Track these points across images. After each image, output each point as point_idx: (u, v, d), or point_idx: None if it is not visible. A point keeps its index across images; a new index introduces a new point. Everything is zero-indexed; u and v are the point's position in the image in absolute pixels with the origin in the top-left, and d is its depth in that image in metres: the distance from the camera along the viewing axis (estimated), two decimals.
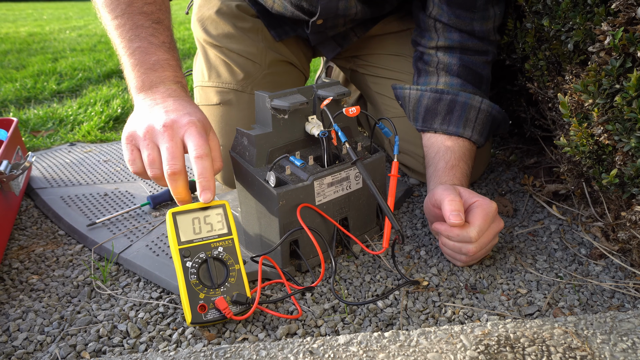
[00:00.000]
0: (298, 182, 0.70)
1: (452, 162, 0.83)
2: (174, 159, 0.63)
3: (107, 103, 1.80)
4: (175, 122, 0.64)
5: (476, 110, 0.86)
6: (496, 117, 0.89)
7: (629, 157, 0.64)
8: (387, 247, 0.72)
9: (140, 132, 0.65)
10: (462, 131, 0.86)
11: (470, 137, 0.86)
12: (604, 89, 0.63)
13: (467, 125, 0.86)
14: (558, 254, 0.80)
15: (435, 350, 0.51)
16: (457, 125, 0.86)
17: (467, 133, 0.86)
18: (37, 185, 1.09)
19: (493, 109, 0.88)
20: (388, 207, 0.67)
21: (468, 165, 0.85)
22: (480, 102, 0.87)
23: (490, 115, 0.88)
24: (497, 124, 0.91)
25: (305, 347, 0.53)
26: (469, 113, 0.86)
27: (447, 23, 0.87)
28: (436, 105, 0.87)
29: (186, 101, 0.70)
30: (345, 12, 0.92)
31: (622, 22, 0.60)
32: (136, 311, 0.69)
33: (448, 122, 0.86)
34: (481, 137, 0.87)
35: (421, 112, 0.89)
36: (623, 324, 0.54)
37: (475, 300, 0.69)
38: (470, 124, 0.86)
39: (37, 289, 0.75)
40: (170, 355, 0.53)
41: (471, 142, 0.87)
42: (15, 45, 3.39)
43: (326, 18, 0.92)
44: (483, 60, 0.90)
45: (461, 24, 0.86)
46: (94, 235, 0.88)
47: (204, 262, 0.65)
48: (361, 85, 1.14)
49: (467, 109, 0.86)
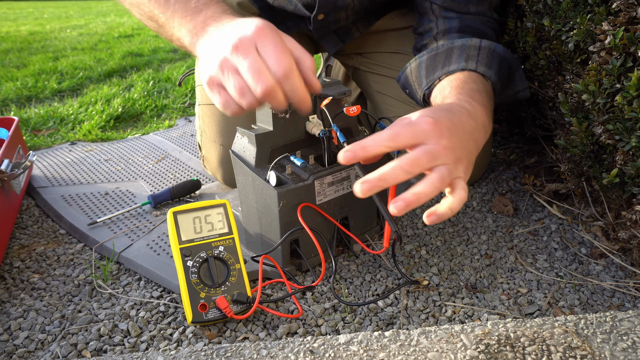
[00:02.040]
0: (299, 181, 0.71)
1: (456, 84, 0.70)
2: (259, 74, 0.55)
3: (108, 102, 1.80)
4: (242, 39, 0.56)
5: (476, 47, 0.77)
6: (502, 55, 0.78)
7: (629, 157, 0.64)
8: (387, 247, 0.72)
9: (214, 71, 0.58)
10: (465, 64, 0.75)
11: (475, 69, 0.74)
12: (604, 89, 0.63)
13: (470, 60, 0.75)
14: (558, 254, 0.80)
15: (435, 349, 0.51)
16: (457, 62, 0.76)
17: (470, 65, 0.74)
18: (38, 184, 1.09)
19: (497, 47, 0.77)
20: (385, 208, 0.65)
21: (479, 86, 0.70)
22: (479, 41, 0.77)
23: (494, 52, 0.77)
24: (507, 65, 0.79)
25: (305, 347, 0.53)
26: (469, 51, 0.77)
27: (442, 5, 0.85)
28: (434, 59, 0.79)
29: (240, 18, 0.62)
30: (343, 3, 0.91)
31: (622, 21, 0.60)
32: (137, 310, 0.69)
33: (449, 64, 0.76)
34: (489, 69, 0.75)
35: (423, 74, 0.80)
36: (623, 323, 0.54)
37: (476, 299, 0.69)
38: (473, 58, 0.75)
39: (38, 287, 0.75)
40: (171, 354, 0.53)
41: (478, 73, 0.74)
42: (16, 44, 3.39)
43: (326, 12, 0.92)
44: (484, 20, 0.84)
45: (456, 6, 0.84)
46: (95, 234, 0.88)
47: (205, 262, 0.65)
48: (362, 83, 1.14)
49: (465, 48, 0.77)
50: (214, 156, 1.01)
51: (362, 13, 1.00)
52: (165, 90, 2.03)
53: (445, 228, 0.88)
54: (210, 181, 1.10)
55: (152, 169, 1.18)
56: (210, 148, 1.02)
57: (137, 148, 1.33)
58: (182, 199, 1.01)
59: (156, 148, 1.33)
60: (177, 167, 1.19)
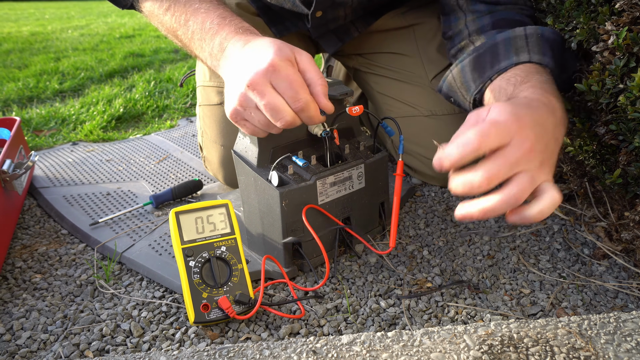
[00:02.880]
0: (301, 181, 0.70)
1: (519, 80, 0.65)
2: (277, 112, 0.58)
3: (110, 102, 1.80)
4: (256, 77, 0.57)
5: (522, 37, 0.70)
6: (552, 38, 0.71)
7: (632, 157, 0.64)
8: (393, 247, 0.71)
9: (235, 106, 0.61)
10: (517, 58, 0.69)
11: (529, 60, 0.68)
12: (607, 89, 0.63)
13: (520, 52, 0.69)
14: (561, 254, 0.80)
15: (438, 350, 0.51)
16: (507, 58, 0.69)
17: (523, 57, 0.68)
18: (39, 184, 1.09)
19: (544, 31, 0.71)
20: None
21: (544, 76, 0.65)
22: (523, 30, 0.71)
23: (542, 37, 0.70)
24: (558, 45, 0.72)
25: (308, 347, 0.53)
26: (516, 43, 0.70)
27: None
28: (478, 60, 0.73)
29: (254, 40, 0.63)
30: (342, 0, 0.91)
31: (626, 21, 0.60)
32: (139, 310, 0.69)
33: (498, 62, 0.70)
34: (544, 56, 0.69)
35: (469, 77, 0.74)
36: (627, 324, 0.54)
37: (478, 300, 0.69)
38: (523, 49, 0.69)
39: (40, 288, 0.75)
40: (174, 354, 0.53)
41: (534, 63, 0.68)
42: (17, 45, 3.39)
43: (324, 9, 0.91)
44: (517, 9, 0.78)
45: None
46: (97, 234, 0.88)
47: (207, 262, 0.65)
48: (363, 84, 1.14)
49: (511, 40, 0.71)
50: (215, 157, 1.01)
51: (361, 12, 1.00)
52: (166, 91, 2.03)
53: (447, 229, 0.88)
54: (212, 181, 1.10)
55: (154, 170, 1.18)
56: (212, 149, 1.01)
57: (139, 148, 1.33)
58: (183, 199, 1.01)
59: (158, 148, 1.33)
60: (178, 168, 1.19)
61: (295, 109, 0.58)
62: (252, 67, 0.58)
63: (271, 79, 0.57)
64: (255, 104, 0.59)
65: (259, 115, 0.60)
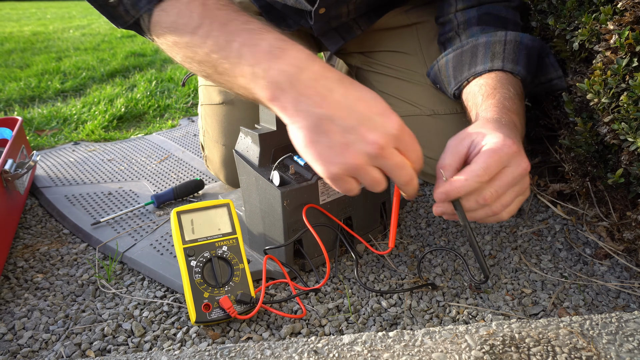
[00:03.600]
0: (302, 181, 0.70)
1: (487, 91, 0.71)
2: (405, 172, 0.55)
3: (111, 102, 1.81)
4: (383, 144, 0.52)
5: (501, 43, 0.75)
6: (530, 45, 0.76)
7: (634, 157, 0.64)
8: (392, 247, 0.71)
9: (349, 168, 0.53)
10: (491, 65, 0.74)
11: (502, 68, 0.74)
12: (609, 88, 0.63)
13: (496, 58, 0.75)
14: (563, 254, 0.79)
15: (440, 350, 0.51)
16: (483, 62, 0.75)
17: (496, 65, 0.74)
18: (41, 184, 1.09)
19: (523, 38, 0.76)
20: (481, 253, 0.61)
21: (509, 90, 0.70)
22: (504, 35, 0.76)
23: (520, 44, 0.75)
24: (536, 53, 0.78)
25: (309, 347, 0.53)
26: (494, 48, 0.75)
27: None
28: (460, 58, 0.79)
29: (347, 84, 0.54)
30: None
31: (628, 21, 0.60)
32: (140, 310, 0.69)
33: (475, 64, 0.76)
34: (517, 65, 0.74)
35: (450, 73, 0.80)
36: (629, 324, 0.54)
37: (480, 300, 0.69)
38: (499, 55, 0.75)
39: (42, 287, 0.75)
40: (175, 354, 0.53)
41: (505, 72, 0.74)
42: (19, 45, 3.40)
43: (328, 5, 0.91)
44: (505, 5, 0.82)
45: None
46: (99, 234, 0.88)
47: (209, 261, 0.65)
48: (365, 82, 1.13)
49: (490, 45, 0.76)
50: (217, 156, 1.01)
51: (364, 9, 0.99)
52: (168, 90, 2.03)
53: (448, 228, 0.88)
54: (214, 181, 1.10)
55: (155, 169, 1.18)
56: (213, 148, 1.02)
57: (140, 148, 1.34)
58: (185, 199, 1.01)
59: (159, 148, 1.33)
60: (180, 167, 1.19)
61: (417, 168, 0.56)
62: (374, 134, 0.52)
63: (399, 144, 0.54)
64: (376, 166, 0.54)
65: (375, 175, 0.54)
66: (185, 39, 0.59)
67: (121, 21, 0.64)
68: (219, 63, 0.58)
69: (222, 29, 0.57)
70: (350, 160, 0.52)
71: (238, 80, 0.57)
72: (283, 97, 0.54)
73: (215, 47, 0.57)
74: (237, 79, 0.57)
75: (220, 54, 0.57)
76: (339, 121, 0.52)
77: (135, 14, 0.62)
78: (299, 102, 0.53)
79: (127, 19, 0.63)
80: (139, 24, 0.64)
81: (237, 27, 0.57)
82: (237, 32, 0.57)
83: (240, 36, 0.56)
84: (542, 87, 0.83)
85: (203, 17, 0.58)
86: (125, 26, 0.65)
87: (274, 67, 0.54)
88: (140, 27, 0.64)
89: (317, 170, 0.55)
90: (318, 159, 0.53)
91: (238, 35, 0.57)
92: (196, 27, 0.58)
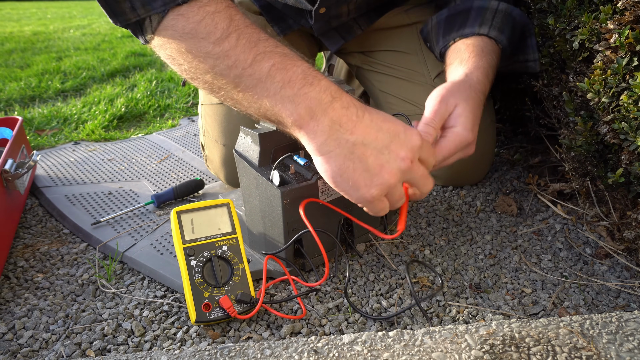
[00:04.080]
0: (302, 180, 0.70)
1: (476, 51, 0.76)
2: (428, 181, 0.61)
3: (111, 102, 1.81)
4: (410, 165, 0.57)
5: (492, 11, 0.81)
6: (518, 19, 0.82)
7: (635, 156, 0.64)
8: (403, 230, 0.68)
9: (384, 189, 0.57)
10: (478, 29, 0.80)
11: (487, 34, 0.79)
12: (609, 88, 0.63)
13: (484, 24, 0.80)
14: (563, 254, 0.79)
15: (440, 349, 0.51)
16: (472, 26, 0.80)
17: (483, 30, 0.79)
18: (41, 183, 1.09)
19: (513, 11, 0.82)
20: None
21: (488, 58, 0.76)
22: (496, 4, 0.81)
23: (509, 16, 0.81)
24: (521, 30, 0.84)
25: (309, 346, 0.53)
26: (485, 14, 0.81)
27: None
28: (452, 20, 0.84)
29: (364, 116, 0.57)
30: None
31: (628, 20, 0.60)
32: (141, 310, 0.69)
33: (464, 26, 0.81)
34: (501, 34, 0.80)
35: (441, 33, 0.85)
36: (629, 324, 0.54)
37: (480, 299, 0.69)
38: (487, 22, 0.80)
39: (42, 287, 0.75)
40: (175, 353, 0.53)
41: (490, 38, 0.79)
42: (19, 44, 3.40)
43: (328, 5, 0.91)
44: None
45: None
46: (99, 233, 0.88)
47: (209, 261, 0.65)
48: (365, 82, 1.13)
49: (482, 11, 0.81)
50: (217, 156, 1.01)
51: (364, 9, 0.99)
52: (168, 90, 2.03)
53: (449, 228, 0.88)
54: (214, 181, 1.10)
55: (156, 169, 1.18)
56: (213, 148, 1.02)
57: (141, 148, 1.34)
58: (185, 199, 1.01)
59: (159, 148, 1.33)
60: (180, 167, 1.19)
61: None
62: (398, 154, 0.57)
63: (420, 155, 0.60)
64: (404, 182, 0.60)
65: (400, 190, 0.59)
66: (205, 48, 0.56)
67: (123, 18, 0.59)
68: (242, 80, 0.56)
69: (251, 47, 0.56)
70: (387, 179, 0.56)
71: (262, 101, 0.56)
72: (313, 124, 0.55)
73: (243, 63, 0.55)
74: (262, 100, 0.56)
75: (246, 71, 0.55)
76: (373, 144, 0.55)
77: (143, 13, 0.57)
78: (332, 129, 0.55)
79: (130, 16, 0.58)
80: (142, 24, 0.59)
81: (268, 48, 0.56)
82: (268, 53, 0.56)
83: (273, 58, 0.56)
84: (517, 66, 0.88)
85: (230, 30, 0.56)
86: (125, 24, 0.60)
87: (308, 94, 0.54)
88: (140, 28, 0.60)
89: (353, 197, 0.57)
90: (357, 184, 0.56)
91: (270, 56, 0.56)
92: (221, 38, 0.55)
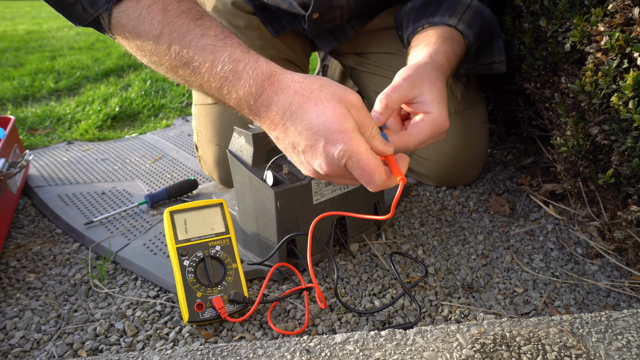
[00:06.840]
0: (296, 181, 0.71)
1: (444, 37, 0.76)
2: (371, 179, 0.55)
3: (105, 101, 1.80)
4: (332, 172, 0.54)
5: (464, 5, 0.81)
6: (487, 19, 0.83)
7: (625, 157, 0.64)
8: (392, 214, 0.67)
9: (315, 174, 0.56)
10: (447, 19, 0.79)
11: (455, 25, 0.79)
12: (600, 89, 0.63)
13: (454, 16, 0.80)
14: (554, 253, 0.80)
15: (431, 348, 0.51)
16: (442, 15, 0.80)
17: (452, 21, 0.79)
18: (34, 183, 1.09)
19: (484, 10, 0.83)
20: None
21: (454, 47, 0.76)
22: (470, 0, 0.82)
23: (480, 14, 0.82)
24: (489, 30, 0.85)
25: (302, 346, 0.53)
26: (457, 7, 0.81)
27: None
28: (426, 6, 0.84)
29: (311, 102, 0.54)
30: (339, 3, 0.91)
31: (618, 22, 0.60)
32: (133, 310, 0.69)
33: (434, 15, 0.81)
34: (469, 29, 0.80)
35: (411, 19, 0.84)
36: (618, 323, 0.55)
37: (472, 299, 0.70)
38: (457, 14, 0.80)
39: (34, 287, 0.75)
40: (167, 353, 0.53)
41: (457, 31, 0.79)
42: (13, 43, 3.38)
43: (321, 11, 0.92)
44: None
45: None
46: (92, 233, 0.88)
47: (202, 261, 0.65)
48: (359, 83, 1.14)
49: (454, 4, 0.81)
50: (210, 156, 1.01)
51: (357, 12, 1.00)
52: (162, 90, 2.03)
53: (442, 228, 0.88)
54: (208, 181, 1.10)
55: (149, 169, 1.18)
56: (207, 148, 1.01)
57: (134, 148, 1.33)
58: (179, 199, 1.01)
59: (153, 148, 1.33)
60: (174, 167, 1.19)
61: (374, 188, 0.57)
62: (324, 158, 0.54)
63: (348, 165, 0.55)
64: None
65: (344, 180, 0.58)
66: (149, 45, 0.59)
67: (79, 19, 0.62)
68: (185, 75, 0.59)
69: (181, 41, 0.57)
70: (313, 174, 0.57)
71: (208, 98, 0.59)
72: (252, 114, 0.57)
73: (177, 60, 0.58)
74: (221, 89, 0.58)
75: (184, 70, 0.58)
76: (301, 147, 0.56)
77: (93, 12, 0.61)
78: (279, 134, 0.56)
79: (85, 17, 0.61)
80: (99, 22, 0.62)
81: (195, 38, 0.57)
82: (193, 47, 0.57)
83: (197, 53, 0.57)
84: (482, 68, 0.90)
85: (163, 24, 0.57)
86: (84, 24, 0.63)
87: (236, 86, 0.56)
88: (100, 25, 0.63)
89: None
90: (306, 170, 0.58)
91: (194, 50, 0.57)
92: (158, 35, 0.58)
